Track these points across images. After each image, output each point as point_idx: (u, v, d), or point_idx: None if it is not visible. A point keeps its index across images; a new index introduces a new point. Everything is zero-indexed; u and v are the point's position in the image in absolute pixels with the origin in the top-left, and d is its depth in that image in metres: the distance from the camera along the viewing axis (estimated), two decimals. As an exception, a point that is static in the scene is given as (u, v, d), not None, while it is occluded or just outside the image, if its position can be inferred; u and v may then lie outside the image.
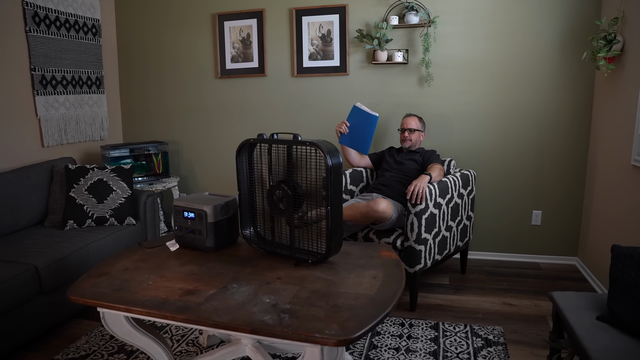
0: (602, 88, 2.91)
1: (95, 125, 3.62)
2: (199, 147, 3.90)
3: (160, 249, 2.00)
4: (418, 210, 2.46)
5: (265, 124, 3.72)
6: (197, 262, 1.85)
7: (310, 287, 1.59)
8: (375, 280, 1.66)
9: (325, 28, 3.46)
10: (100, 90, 3.65)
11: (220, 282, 1.64)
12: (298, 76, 3.57)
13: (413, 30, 3.29)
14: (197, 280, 1.65)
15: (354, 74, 3.47)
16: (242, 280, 1.65)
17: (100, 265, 1.82)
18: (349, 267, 1.79)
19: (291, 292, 1.56)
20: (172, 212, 2.04)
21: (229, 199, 2.05)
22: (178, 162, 3.95)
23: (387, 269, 1.77)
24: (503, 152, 3.28)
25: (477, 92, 3.25)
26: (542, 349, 2.21)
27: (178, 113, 3.90)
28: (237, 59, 3.68)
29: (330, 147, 1.75)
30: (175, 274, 1.72)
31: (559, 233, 3.29)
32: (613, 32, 2.60)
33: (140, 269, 1.77)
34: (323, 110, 3.58)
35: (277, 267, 1.79)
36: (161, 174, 3.67)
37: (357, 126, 3.02)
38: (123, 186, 2.88)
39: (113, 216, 2.81)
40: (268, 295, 1.53)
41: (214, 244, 1.96)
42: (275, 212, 1.88)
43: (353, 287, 1.59)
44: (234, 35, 3.65)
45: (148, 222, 3.03)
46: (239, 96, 3.74)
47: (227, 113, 3.80)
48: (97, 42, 3.59)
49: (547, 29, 3.08)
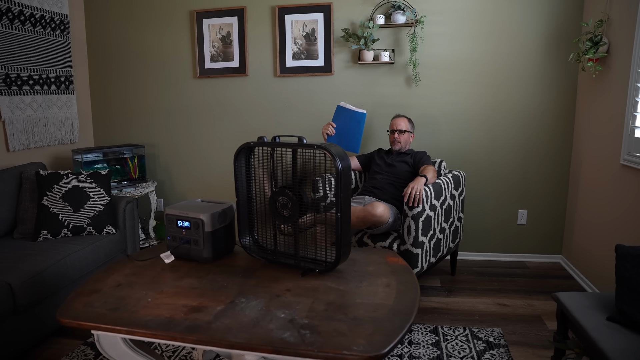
0: (587, 89, 2.98)
1: (65, 128, 3.38)
2: (177, 150, 3.73)
3: (153, 262, 1.85)
4: (415, 213, 2.42)
5: (247, 126, 3.59)
6: (196, 274, 1.72)
7: (324, 299, 1.51)
8: (390, 288, 1.60)
9: (309, 27, 3.37)
10: (70, 91, 3.42)
11: (226, 296, 1.53)
12: (281, 76, 3.47)
13: (399, 30, 3.26)
14: (201, 295, 1.53)
15: (339, 74, 3.40)
16: (249, 294, 1.55)
17: (89, 281, 1.66)
18: (359, 275, 1.71)
19: (305, 305, 1.46)
20: (165, 221, 1.90)
21: (225, 206, 1.93)
22: (154, 166, 3.76)
23: (398, 276, 1.71)
24: (489, 152, 3.30)
25: (463, 92, 3.26)
26: (544, 349, 2.22)
27: (154, 114, 3.71)
28: (216, 58, 3.53)
29: (339, 150, 1.67)
30: (174, 289, 1.59)
31: (543, 232, 3.35)
32: (599, 34, 2.65)
33: (134, 284, 1.63)
34: (307, 111, 3.49)
35: (283, 277, 1.69)
36: (137, 179, 3.47)
37: (345, 126, 2.95)
38: (101, 193, 2.69)
39: (91, 225, 2.62)
40: (281, 309, 1.43)
41: (211, 254, 1.83)
42: (278, 219, 1.78)
43: (369, 297, 1.52)
44: (213, 33, 3.50)
45: (127, 230, 2.85)
46: (218, 97, 3.60)
47: (206, 114, 3.64)
48: (65, 39, 3.36)
49: (531, 30, 3.12)
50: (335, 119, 2.94)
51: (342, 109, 2.92)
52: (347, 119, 2.91)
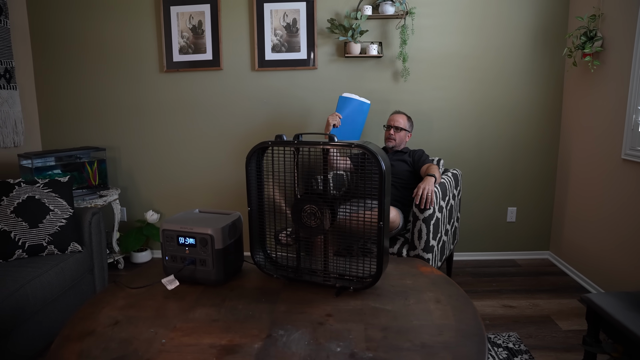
0: (576, 84, 2.97)
1: (7, 129, 2.88)
2: (141, 154, 3.32)
3: (149, 288, 1.53)
4: (427, 215, 2.26)
5: (221, 125, 3.27)
6: (209, 302, 1.44)
7: (377, 324, 1.29)
8: (442, 304, 1.41)
9: (291, 17, 3.12)
10: (12, 85, 2.92)
11: (259, 329, 1.26)
12: (259, 70, 3.19)
13: (387, 21, 3.09)
14: (227, 330, 1.25)
15: (323, 68, 3.18)
16: (285, 324, 1.29)
17: (74, 319, 1.32)
18: (398, 290, 1.51)
19: (358, 333, 1.23)
20: (161, 238, 1.58)
21: (233, 217, 1.65)
22: (115, 172, 3.33)
23: (442, 289, 1.53)
24: (479, 150, 3.22)
25: (454, 88, 3.15)
26: (565, 352, 2.13)
27: (113, 114, 3.28)
28: (186, 50, 3.18)
29: (377, 147, 1.45)
30: (190, 324, 1.29)
31: (532, 229, 3.33)
32: (594, 29, 2.63)
33: (136, 320, 1.32)
34: (288, 108, 3.24)
35: (316, 300, 1.45)
36: (98, 186, 3.04)
37: (348, 117, 2.74)
38: (62, 204, 2.28)
39: (52, 243, 2.20)
40: (333, 341, 1.19)
41: (223, 275, 1.55)
42: (304, 231, 1.53)
43: (425, 317, 1.32)
44: (182, 22, 3.14)
45: (94, 247, 2.45)
46: (189, 93, 3.25)
47: (174, 113, 3.27)
48: (3, 24, 2.86)
49: (520, 25, 3.07)
50: (339, 110, 2.71)
51: (347, 99, 2.70)
52: (352, 110, 2.70)
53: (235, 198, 3.31)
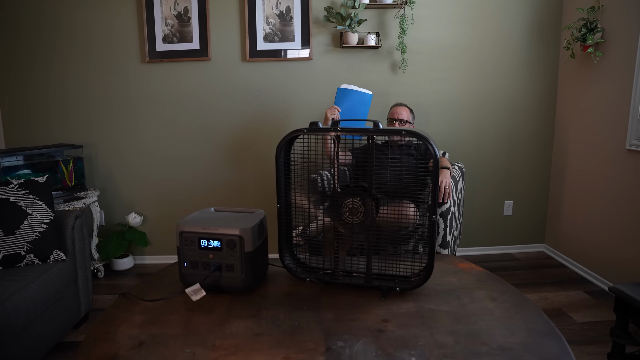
0: (573, 76, 2.97)
1: (-32, 125, 2.55)
2: (121, 152, 3.05)
3: (167, 300, 1.33)
4: (444, 209, 2.16)
5: (209, 120, 3.05)
6: (243, 313, 1.26)
7: (441, 327, 1.16)
8: (499, 302, 1.30)
9: (284, 5, 2.94)
10: (-29, 75, 2.58)
11: (314, 342, 1.10)
12: (250, 60, 2.99)
13: (385, 11, 2.98)
14: (277, 345, 1.08)
15: (318, 58, 3.03)
16: (341, 333, 1.13)
17: (88, 343, 1.11)
18: (446, 289, 1.39)
19: (427, 339, 1.10)
20: (178, 242, 1.38)
21: (259, 216, 1.47)
22: (92, 172, 3.04)
23: (491, 285, 1.43)
24: (477, 143, 3.17)
25: (452, 80, 3.08)
26: (587, 345, 2.09)
27: (89, 108, 2.98)
28: (171, 38, 2.94)
29: (428, 135, 1.32)
30: (231, 340, 1.11)
31: (528, 222, 3.32)
32: (595, 20, 2.63)
33: (164, 339, 1.12)
34: (281, 101, 3.06)
35: (363, 304, 1.30)
36: (74, 188, 2.75)
37: (348, 110, 2.60)
38: (42, 208, 2.01)
39: (32, 252, 1.93)
40: (403, 350, 1.05)
41: (252, 282, 1.37)
42: (346, 228, 1.38)
43: (488, 317, 1.21)
44: (166, 9, 2.90)
45: (77, 254, 2.18)
46: (174, 85, 3.01)
47: (157, 107, 3.02)
48: (-39, 7, 2.52)
49: (517, 16, 3.03)
50: (337, 102, 2.56)
51: (346, 91, 2.55)
52: (352, 102, 2.55)
53: (226, 198, 3.10)
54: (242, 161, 3.11)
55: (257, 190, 3.13)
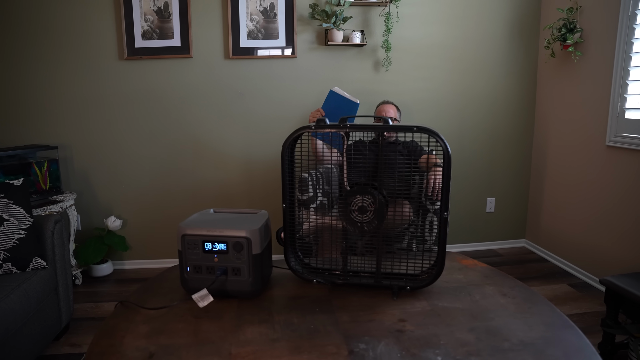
0: (552, 75, 3.05)
1: None
2: (98, 153, 2.91)
3: (171, 308, 1.26)
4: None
5: (191, 119, 2.96)
6: (255, 318, 1.21)
7: (459, 325, 1.15)
8: (510, 297, 1.31)
9: (268, 1, 2.89)
10: None
11: (335, 345, 1.06)
12: (234, 58, 2.92)
13: (370, 9, 2.97)
14: (298, 351, 1.04)
15: (303, 56, 2.99)
16: (361, 335, 1.10)
17: (92, 357, 1.03)
18: (455, 287, 1.39)
19: (448, 337, 1.08)
20: (180, 245, 1.31)
21: (263, 216, 1.42)
22: (67, 174, 2.88)
23: (498, 280, 1.44)
24: (461, 141, 3.22)
25: (436, 79, 3.11)
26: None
27: (63, 107, 2.83)
28: (150, 34, 2.83)
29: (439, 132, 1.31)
30: (248, 348, 1.06)
31: (509, 217, 3.39)
32: (574, 21, 2.71)
33: (175, 350, 1.06)
34: (265, 100, 3.01)
35: (376, 304, 1.28)
36: (49, 191, 2.61)
37: (334, 114, 2.57)
38: (19, 212, 1.88)
39: (9, 260, 1.81)
40: (427, 349, 1.03)
41: (260, 285, 1.32)
42: (355, 228, 1.35)
43: (503, 313, 1.21)
44: (145, 4, 2.79)
45: (58, 261, 2.06)
46: (153, 83, 2.90)
47: (136, 106, 2.91)
48: None
49: (499, 16, 3.09)
50: (325, 105, 2.53)
51: (335, 95, 2.52)
52: (338, 107, 2.52)
53: (212, 199, 3.02)
54: (225, 161, 3.03)
55: (243, 192, 3.06)
